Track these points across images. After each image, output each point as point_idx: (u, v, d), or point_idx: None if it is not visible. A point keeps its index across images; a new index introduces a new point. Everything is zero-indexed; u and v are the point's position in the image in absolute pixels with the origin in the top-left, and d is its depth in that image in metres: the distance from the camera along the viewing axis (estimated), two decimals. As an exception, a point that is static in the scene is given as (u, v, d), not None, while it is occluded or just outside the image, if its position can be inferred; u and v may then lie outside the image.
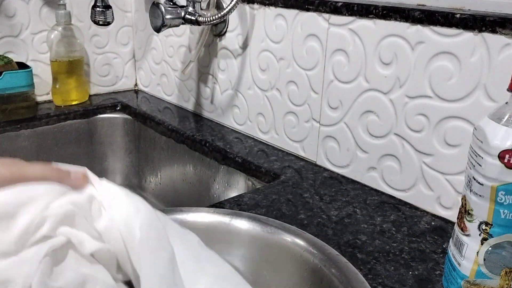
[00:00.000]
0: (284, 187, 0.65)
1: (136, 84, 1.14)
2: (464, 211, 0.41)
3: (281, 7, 0.72)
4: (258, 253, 0.47)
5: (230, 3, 0.73)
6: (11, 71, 0.88)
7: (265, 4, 0.75)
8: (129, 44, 1.10)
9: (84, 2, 1.00)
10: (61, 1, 0.95)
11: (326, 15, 0.66)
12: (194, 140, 0.84)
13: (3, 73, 0.87)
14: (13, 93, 0.89)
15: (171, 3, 0.80)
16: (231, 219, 0.47)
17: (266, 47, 0.76)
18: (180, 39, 0.96)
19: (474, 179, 0.39)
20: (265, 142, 0.81)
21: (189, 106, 0.98)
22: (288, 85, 0.74)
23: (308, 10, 0.68)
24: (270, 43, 0.75)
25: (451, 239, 0.44)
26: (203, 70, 0.92)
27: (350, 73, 0.64)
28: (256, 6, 0.77)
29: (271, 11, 0.74)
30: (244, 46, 0.81)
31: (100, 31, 1.04)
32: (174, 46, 0.98)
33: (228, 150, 0.78)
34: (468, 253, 0.40)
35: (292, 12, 0.71)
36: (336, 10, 0.64)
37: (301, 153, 0.74)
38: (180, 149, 0.88)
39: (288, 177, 0.68)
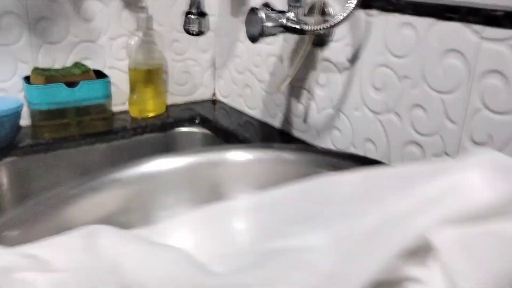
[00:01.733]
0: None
1: (214, 94, 1.04)
2: None
3: (410, 14, 0.59)
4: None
5: (346, 10, 0.61)
6: (89, 81, 0.81)
7: (387, 10, 0.62)
8: (209, 50, 1.00)
9: (165, 4, 0.91)
10: (142, 4, 0.87)
11: (478, 27, 0.52)
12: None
13: (80, 82, 0.80)
14: (89, 105, 0.82)
15: (269, 8, 0.69)
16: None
17: (384, 62, 0.64)
18: (270, 47, 0.85)
19: None
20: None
21: (276, 122, 0.87)
22: (413, 109, 0.61)
23: (450, 19, 0.55)
24: (391, 57, 0.63)
25: None
26: (297, 84, 0.80)
27: (508, 101, 0.51)
28: (374, 12, 0.64)
29: (396, 18, 0.61)
30: (353, 59, 0.68)
31: (181, 37, 0.95)
32: (262, 55, 0.87)
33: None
34: None
35: (426, 21, 0.57)
36: (493, 21, 0.51)
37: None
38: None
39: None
